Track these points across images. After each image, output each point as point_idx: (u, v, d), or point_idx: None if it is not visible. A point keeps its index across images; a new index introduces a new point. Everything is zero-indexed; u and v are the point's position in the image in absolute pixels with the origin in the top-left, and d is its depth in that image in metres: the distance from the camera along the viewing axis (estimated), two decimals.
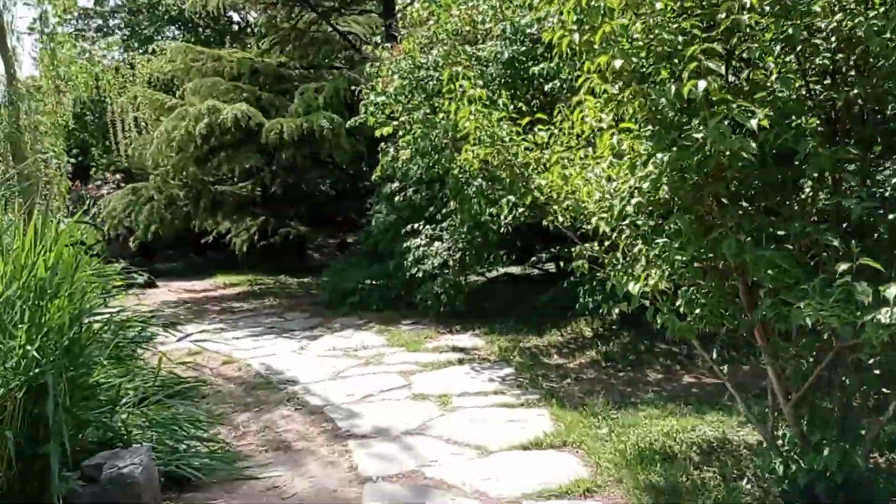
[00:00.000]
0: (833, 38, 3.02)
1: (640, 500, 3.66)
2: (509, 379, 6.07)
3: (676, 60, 3.00)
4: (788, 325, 2.95)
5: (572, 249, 7.38)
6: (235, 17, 19.85)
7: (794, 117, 3.15)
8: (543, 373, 6.20)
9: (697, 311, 3.33)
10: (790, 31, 2.95)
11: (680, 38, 3.01)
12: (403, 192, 8.24)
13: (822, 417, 3.46)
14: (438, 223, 8.39)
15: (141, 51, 15.40)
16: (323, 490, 4.00)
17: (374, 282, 9.73)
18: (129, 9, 20.39)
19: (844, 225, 3.15)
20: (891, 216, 2.96)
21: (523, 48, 7.17)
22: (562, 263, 8.94)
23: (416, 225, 8.38)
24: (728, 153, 2.88)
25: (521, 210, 5.33)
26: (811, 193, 3.26)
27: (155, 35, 19.34)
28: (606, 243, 3.95)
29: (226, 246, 15.60)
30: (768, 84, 3.09)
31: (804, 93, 3.20)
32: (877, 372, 3.24)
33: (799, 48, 3.08)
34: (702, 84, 2.70)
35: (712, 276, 3.36)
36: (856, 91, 3.01)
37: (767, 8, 2.95)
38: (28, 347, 3.33)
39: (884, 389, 3.24)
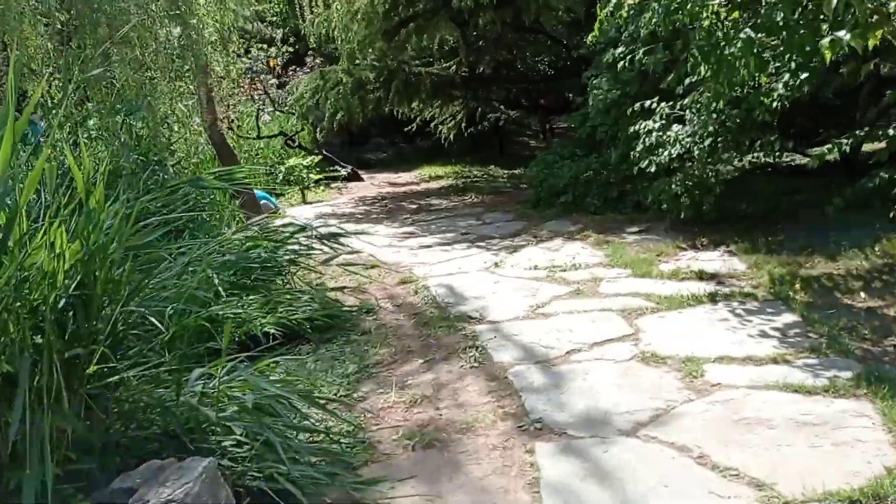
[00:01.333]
0: None
1: None
2: (793, 334, 3.97)
3: None
4: None
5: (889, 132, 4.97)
6: None
7: None
8: (848, 325, 4.01)
9: None
10: None
11: None
12: (631, 57, 6.07)
13: None
14: (679, 99, 6.17)
15: None
16: None
17: (591, 176, 7.77)
18: None
19: None
20: None
21: None
22: (848, 151, 6.34)
23: (647, 102, 6.22)
24: None
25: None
26: None
27: None
28: None
29: (433, 134, 14.32)
30: None
31: None
32: None
33: None
34: None
35: None
36: None
37: None
38: None
39: None
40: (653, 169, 6.26)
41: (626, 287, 5.10)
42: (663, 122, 6.27)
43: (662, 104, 6.25)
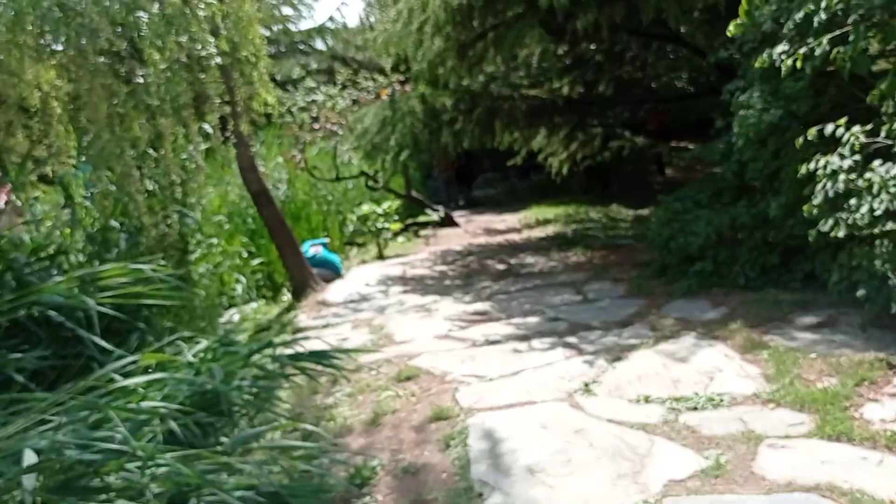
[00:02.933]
0: None
1: None
2: None
3: None
4: None
5: None
6: None
7: None
8: None
9: None
10: None
11: None
12: (804, 55, 3.77)
13: None
14: (882, 123, 3.77)
15: None
16: None
17: (739, 234, 5.40)
18: None
19: None
20: None
21: None
22: None
23: (829, 127, 3.86)
24: None
25: None
26: None
27: None
28: None
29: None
30: None
31: None
32: None
33: None
34: None
35: None
36: None
37: None
38: None
39: None
40: (841, 233, 3.89)
41: (807, 465, 2.80)
42: (856, 157, 3.89)
43: (855, 128, 3.87)
